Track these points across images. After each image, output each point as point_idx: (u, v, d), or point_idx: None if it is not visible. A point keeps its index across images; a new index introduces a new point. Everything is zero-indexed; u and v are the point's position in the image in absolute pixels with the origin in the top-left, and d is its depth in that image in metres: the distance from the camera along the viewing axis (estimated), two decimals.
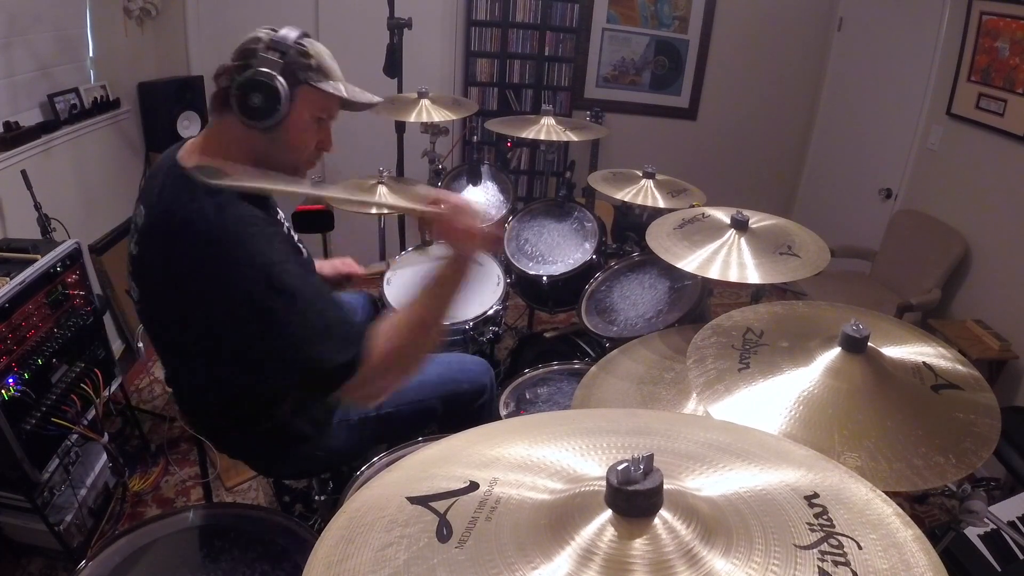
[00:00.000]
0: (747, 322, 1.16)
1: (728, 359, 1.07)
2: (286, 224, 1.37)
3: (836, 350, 1.02)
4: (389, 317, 1.24)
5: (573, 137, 2.41)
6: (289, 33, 1.20)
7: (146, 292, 1.27)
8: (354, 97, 1.28)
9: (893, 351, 1.07)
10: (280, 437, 1.43)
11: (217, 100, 1.22)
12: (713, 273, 1.44)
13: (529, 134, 2.39)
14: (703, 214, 1.68)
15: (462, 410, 1.65)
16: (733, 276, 1.42)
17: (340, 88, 1.26)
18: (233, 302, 1.13)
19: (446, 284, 1.23)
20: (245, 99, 1.16)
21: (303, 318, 1.15)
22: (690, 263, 1.47)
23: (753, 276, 1.42)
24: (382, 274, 2.20)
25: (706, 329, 1.16)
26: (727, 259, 1.47)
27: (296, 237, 1.39)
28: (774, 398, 0.98)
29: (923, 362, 1.06)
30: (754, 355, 1.06)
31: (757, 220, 1.61)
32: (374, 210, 2.48)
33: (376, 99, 1.34)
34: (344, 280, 1.86)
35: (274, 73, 1.16)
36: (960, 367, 1.07)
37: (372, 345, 1.17)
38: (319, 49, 1.25)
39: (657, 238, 1.58)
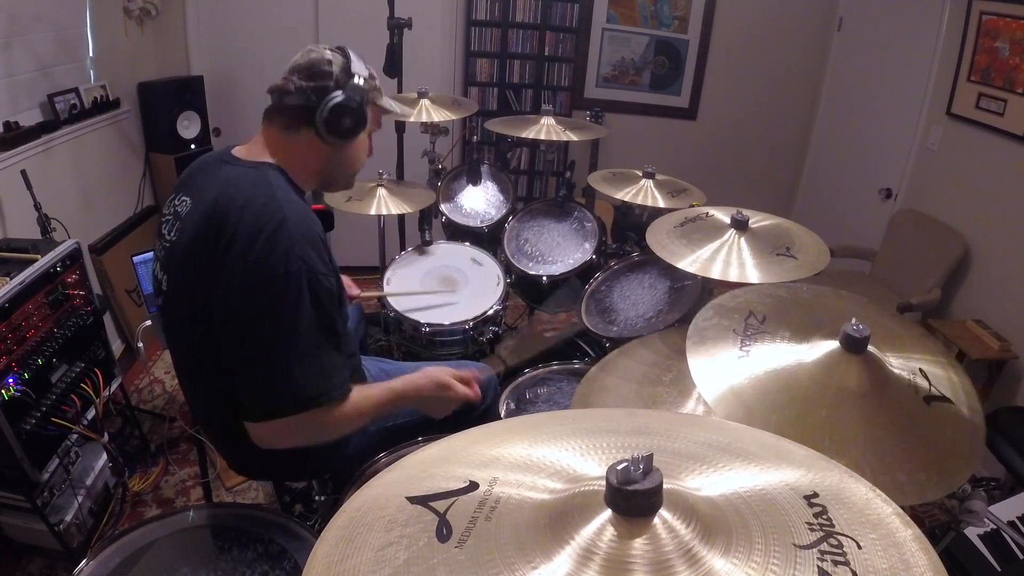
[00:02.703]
0: (750, 304, 1.15)
1: (728, 344, 1.06)
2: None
3: (836, 348, 1.01)
4: (361, 391, 1.30)
5: (573, 137, 2.42)
6: (358, 60, 1.30)
7: (178, 279, 1.27)
8: (404, 113, 1.46)
9: (891, 353, 1.06)
10: (300, 449, 1.43)
11: (287, 116, 1.28)
12: (712, 273, 1.44)
13: (529, 134, 2.39)
14: (706, 214, 1.68)
15: (467, 415, 1.66)
16: (733, 276, 1.42)
17: (392, 105, 1.41)
18: (265, 284, 1.15)
19: (405, 403, 1.39)
20: (336, 121, 1.25)
21: (314, 330, 1.17)
22: (689, 263, 1.47)
23: (752, 276, 1.41)
24: (378, 297, 2.19)
25: (708, 308, 1.15)
26: (726, 259, 1.47)
27: None
28: (770, 391, 0.97)
29: (919, 368, 1.05)
30: (754, 344, 1.05)
31: (757, 220, 1.61)
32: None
33: (410, 112, 1.49)
34: None
35: (360, 99, 1.27)
36: (954, 376, 1.06)
37: (346, 401, 1.24)
38: (374, 69, 1.36)
39: (657, 237, 1.58)
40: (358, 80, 1.27)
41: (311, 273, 1.17)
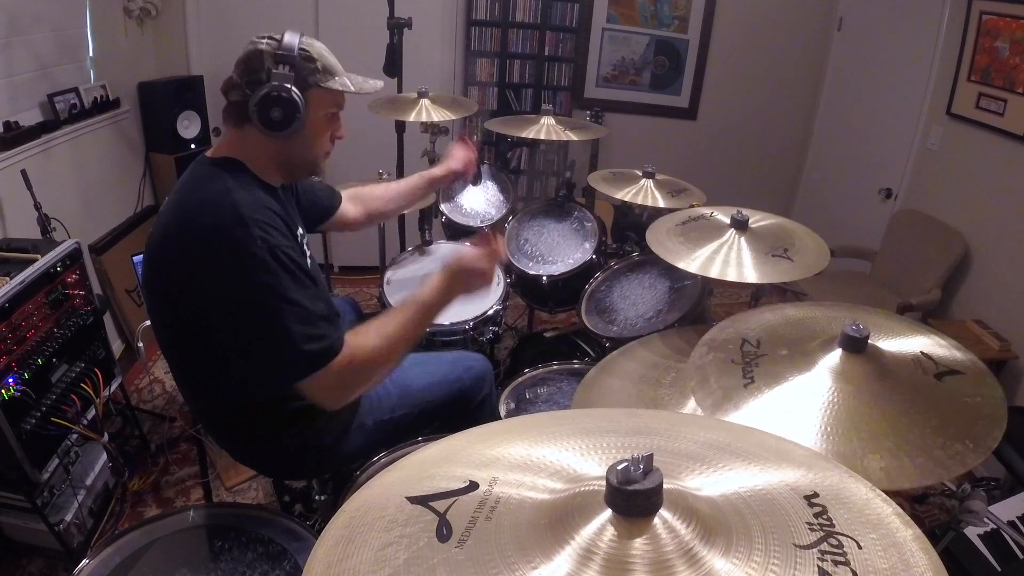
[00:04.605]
0: (741, 333, 1.15)
1: (731, 375, 1.05)
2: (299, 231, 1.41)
3: (837, 352, 1.01)
4: (373, 320, 1.31)
5: (573, 137, 2.41)
6: (291, 40, 1.25)
7: (151, 278, 1.30)
8: (360, 89, 1.35)
9: (891, 344, 1.07)
10: (300, 447, 1.44)
11: (232, 113, 1.30)
12: (712, 272, 1.44)
13: (529, 134, 2.39)
14: (711, 213, 1.68)
15: (465, 406, 1.66)
16: (731, 276, 1.42)
17: (347, 83, 1.33)
18: (237, 270, 1.16)
19: (436, 307, 1.37)
20: (265, 114, 1.23)
21: (297, 298, 1.19)
22: (687, 262, 1.47)
23: (750, 276, 1.42)
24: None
25: (701, 346, 1.14)
26: (726, 259, 1.47)
27: (301, 233, 1.43)
28: (787, 410, 0.97)
29: (921, 352, 1.06)
30: (756, 368, 1.05)
31: (758, 220, 1.61)
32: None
33: (379, 84, 1.42)
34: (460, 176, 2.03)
35: (290, 86, 1.22)
36: (957, 353, 1.08)
37: (351, 342, 1.24)
38: (319, 49, 1.31)
39: (657, 236, 1.58)
40: (284, 68, 1.22)
41: (270, 247, 1.18)
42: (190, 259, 1.19)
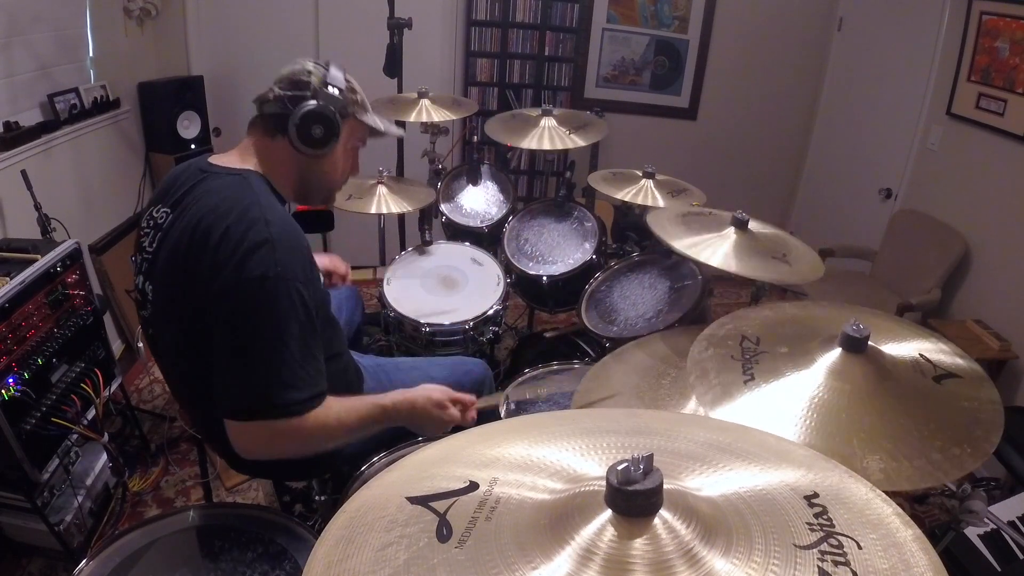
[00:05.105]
0: (740, 329, 1.15)
1: (731, 371, 1.05)
2: None
3: (837, 351, 1.01)
4: (343, 402, 1.26)
5: (570, 144, 2.38)
6: (337, 71, 1.32)
7: (164, 289, 1.27)
8: (388, 130, 1.43)
9: (890, 346, 1.07)
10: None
11: (266, 124, 1.32)
12: (714, 261, 1.45)
13: (531, 142, 2.36)
14: (710, 212, 1.69)
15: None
16: (734, 268, 1.43)
17: (377, 122, 1.41)
18: (249, 290, 1.14)
19: (401, 418, 1.34)
20: (306, 129, 1.27)
21: (293, 340, 1.16)
22: (690, 248, 1.48)
23: (751, 270, 1.42)
24: (370, 281, 2.15)
25: (700, 341, 1.14)
26: (727, 251, 1.48)
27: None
28: (786, 408, 0.96)
29: (920, 354, 1.07)
30: (756, 365, 1.05)
31: (756, 227, 1.62)
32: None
33: (401, 132, 1.51)
34: (327, 276, 1.86)
35: (335, 109, 1.29)
36: (957, 359, 1.08)
37: (319, 410, 1.20)
38: (357, 84, 1.39)
39: (659, 220, 1.59)
40: (332, 90, 1.29)
41: (293, 282, 1.16)
42: (213, 261, 1.16)
